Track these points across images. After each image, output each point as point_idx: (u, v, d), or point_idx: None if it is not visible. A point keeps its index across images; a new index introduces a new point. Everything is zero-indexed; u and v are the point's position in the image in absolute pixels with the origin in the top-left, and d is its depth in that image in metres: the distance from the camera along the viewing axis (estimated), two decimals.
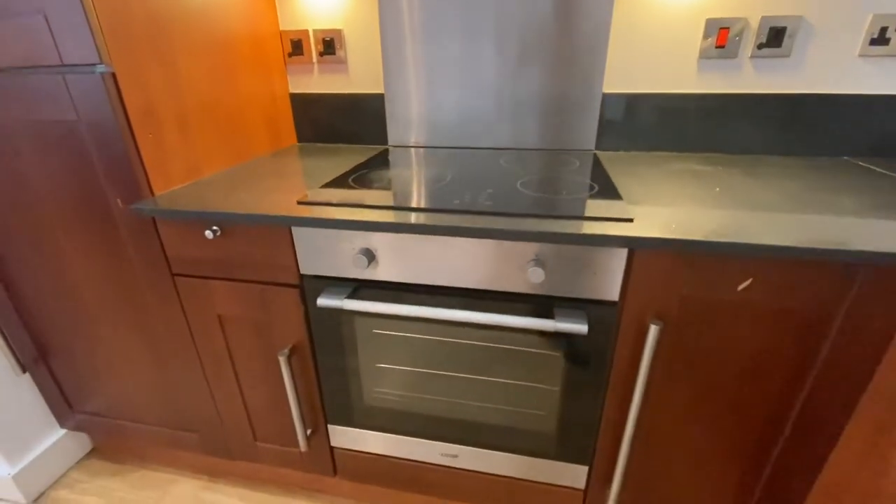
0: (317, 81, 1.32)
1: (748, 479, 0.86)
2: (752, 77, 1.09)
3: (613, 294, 0.75)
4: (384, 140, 1.34)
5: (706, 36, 1.07)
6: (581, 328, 0.74)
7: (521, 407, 0.92)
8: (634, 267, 0.72)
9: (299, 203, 0.83)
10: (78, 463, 1.39)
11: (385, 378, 0.97)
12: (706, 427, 0.83)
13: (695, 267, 0.69)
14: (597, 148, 1.22)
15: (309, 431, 1.07)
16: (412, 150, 1.26)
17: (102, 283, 1.01)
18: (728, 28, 1.05)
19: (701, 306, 0.72)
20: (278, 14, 1.26)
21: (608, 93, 1.16)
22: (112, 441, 1.39)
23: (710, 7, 1.05)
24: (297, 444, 1.10)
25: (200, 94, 1.00)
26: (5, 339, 1.13)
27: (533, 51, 1.13)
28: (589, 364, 0.82)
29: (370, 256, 0.81)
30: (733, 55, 1.07)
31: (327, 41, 1.25)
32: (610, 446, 0.89)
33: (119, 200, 0.89)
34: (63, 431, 1.34)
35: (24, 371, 1.18)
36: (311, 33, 1.26)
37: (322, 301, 0.84)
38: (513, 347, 0.87)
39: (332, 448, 1.09)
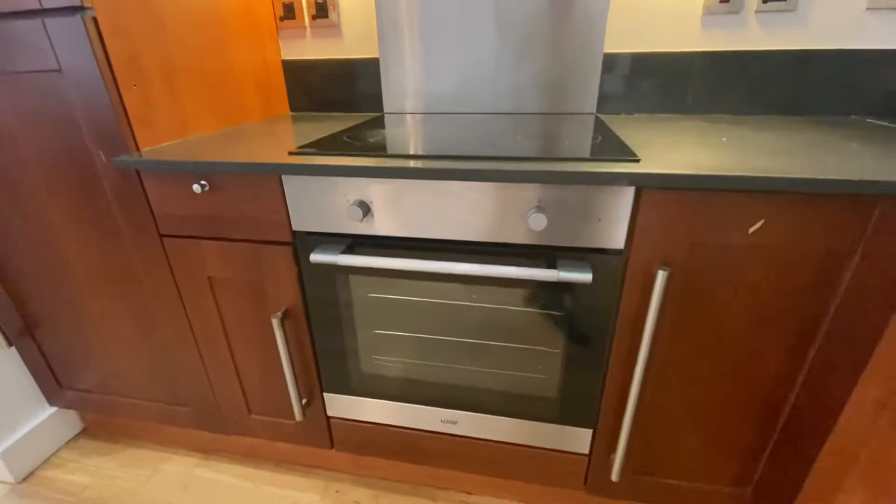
0: (310, 46, 1.29)
1: (758, 440, 0.83)
2: (757, 33, 1.06)
3: (619, 242, 0.72)
4: (380, 108, 1.31)
5: None
6: (585, 277, 0.71)
7: (522, 371, 0.89)
8: (641, 211, 0.68)
9: (290, 154, 0.80)
10: (68, 443, 1.36)
11: (383, 344, 0.94)
12: (715, 383, 0.80)
13: (704, 209, 0.66)
14: (598, 111, 1.19)
15: (304, 401, 1.04)
16: (408, 116, 1.23)
17: (88, 247, 0.97)
18: None
19: (711, 252, 0.69)
20: None
21: (610, 53, 1.13)
22: (103, 420, 1.36)
23: None
24: (292, 416, 1.07)
25: (188, 50, 0.96)
26: None
27: (532, 11, 1.10)
28: (593, 319, 0.79)
29: (365, 209, 0.78)
30: (738, 10, 1.04)
31: (320, 3, 1.21)
32: (615, 407, 0.86)
33: (102, 154, 0.85)
34: (52, 410, 1.30)
35: (9, 344, 1.14)
36: None
37: (315, 257, 0.81)
38: (514, 308, 0.84)
39: (328, 418, 1.06)
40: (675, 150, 0.76)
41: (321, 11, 1.22)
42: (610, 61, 1.14)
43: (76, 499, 1.18)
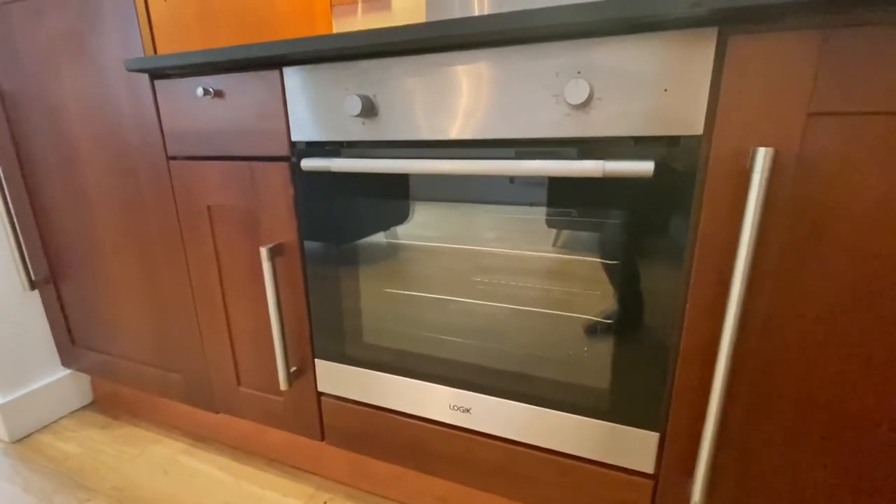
0: (360, 21, 1.28)
1: None
2: None
3: (695, 122, 0.51)
4: None
5: None
6: (643, 167, 0.50)
7: (558, 346, 0.66)
8: (729, 68, 0.48)
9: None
10: (74, 412, 1.29)
11: (389, 302, 0.76)
12: (856, 363, 0.51)
13: (833, 58, 0.44)
14: None
15: (293, 369, 0.87)
16: None
17: (106, 179, 0.95)
18: None
19: (844, 132, 0.46)
20: None
21: None
22: (111, 393, 1.28)
23: None
24: (280, 390, 0.90)
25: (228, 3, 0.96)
26: (20, 250, 1.10)
27: None
28: (657, 250, 0.56)
29: (368, 106, 0.65)
30: None
31: None
32: (693, 397, 0.59)
33: (124, 66, 0.83)
34: (63, 373, 1.25)
35: (32, 287, 1.13)
36: None
37: (308, 162, 0.68)
38: (546, 254, 0.64)
39: (319, 395, 0.87)
40: None
41: None
42: None
43: (57, 466, 1.08)
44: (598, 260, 0.62)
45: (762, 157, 0.45)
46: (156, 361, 1.07)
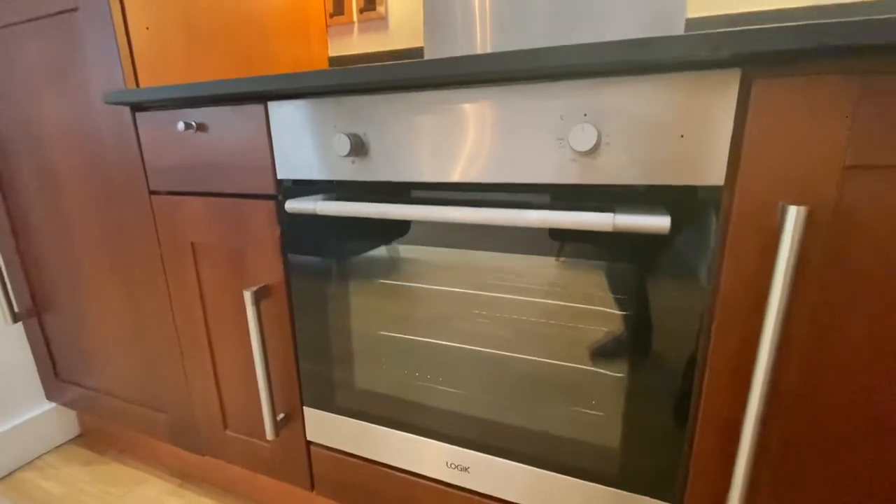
0: (356, 42, 1.24)
1: None
2: None
3: (715, 171, 0.46)
4: None
5: None
6: (659, 223, 0.45)
7: (566, 402, 0.61)
8: (754, 114, 0.43)
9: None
10: (59, 447, 1.24)
11: (382, 347, 0.71)
12: None
13: (872, 105, 0.39)
14: None
15: (281, 416, 0.82)
16: None
17: (89, 212, 0.90)
18: None
19: (886, 186, 0.41)
20: None
21: (695, 17, 0.92)
22: (98, 427, 1.23)
23: None
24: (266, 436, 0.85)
25: (218, 13, 0.92)
26: (3, 283, 1.06)
27: None
28: (673, 309, 0.51)
29: (358, 144, 0.60)
30: None
31: None
32: (713, 470, 0.53)
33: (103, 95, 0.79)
34: (48, 406, 1.20)
35: (14, 320, 1.09)
36: None
37: (292, 204, 0.64)
38: (553, 301, 0.58)
39: (308, 444, 0.82)
40: None
41: (369, 4, 1.18)
42: (697, 27, 0.92)
43: None
44: (608, 310, 0.56)
45: (793, 217, 0.40)
46: (140, 399, 1.02)
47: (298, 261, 0.72)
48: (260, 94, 0.64)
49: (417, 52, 1.16)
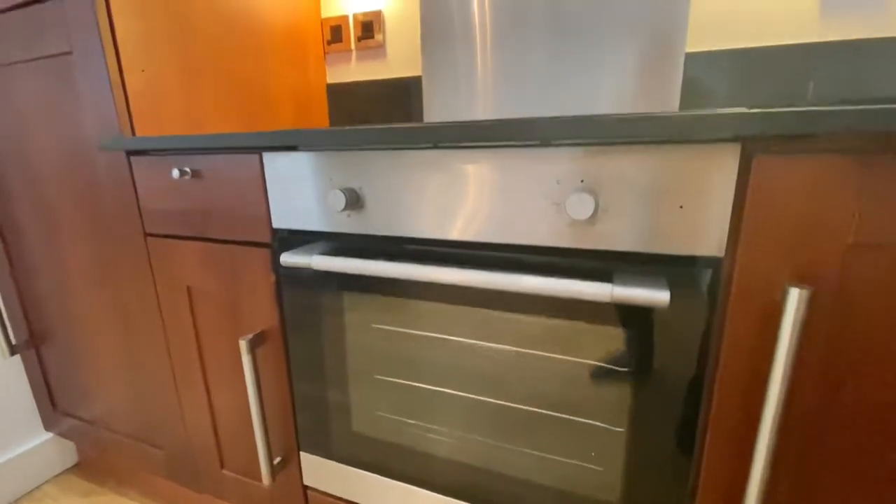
0: (354, 69, 1.24)
1: None
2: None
3: (715, 243, 0.45)
4: None
5: None
6: (658, 297, 0.44)
7: (565, 455, 0.60)
8: (754, 189, 0.42)
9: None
10: (57, 476, 1.23)
11: (382, 394, 0.70)
12: None
13: (878, 184, 0.38)
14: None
15: (277, 460, 0.81)
16: None
17: (85, 250, 0.90)
18: None
19: (887, 262, 0.40)
20: (321, 2, 1.22)
21: (694, 52, 0.91)
22: (94, 455, 1.23)
23: None
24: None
25: (216, 53, 0.92)
26: (0, 317, 1.05)
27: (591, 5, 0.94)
28: (674, 378, 0.50)
29: (353, 198, 0.60)
30: None
31: (366, 24, 1.17)
32: None
33: (101, 141, 0.79)
34: (47, 436, 1.20)
35: (12, 353, 1.08)
36: (350, 18, 1.19)
37: (287, 258, 0.63)
38: (555, 356, 0.58)
39: (305, 488, 0.81)
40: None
41: (367, 32, 1.18)
42: (695, 61, 0.91)
43: None
44: (607, 366, 0.55)
45: (795, 299, 0.39)
46: (137, 434, 1.02)
47: (294, 307, 0.71)
48: (255, 147, 0.64)
49: (415, 81, 1.16)
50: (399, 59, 1.18)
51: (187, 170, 0.71)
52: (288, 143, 0.57)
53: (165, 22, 0.82)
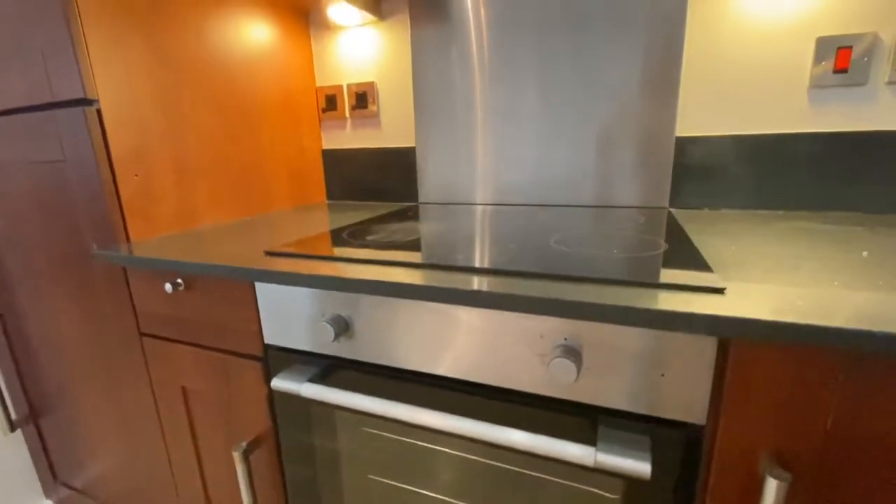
0: (349, 137, 1.25)
1: None
2: (890, 108, 0.79)
3: (697, 411, 0.46)
4: (415, 198, 1.19)
5: (818, 59, 0.81)
6: (640, 469, 0.45)
7: None
8: (732, 372, 0.43)
9: (267, 254, 0.67)
10: None
11: (371, 495, 0.71)
12: None
13: (860, 374, 0.39)
14: (671, 205, 0.96)
15: None
16: (440, 206, 1.09)
17: (83, 341, 0.91)
18: (850, 47, 0.79)
19: (865, 447, 0.40)
20: (315, 71, 1.23)
21: (684, 137, 0.92)
22: None
23: (819, 23, 0.80)
24: None
25: (206, 139, 0.93)
26: (0, 395, 1.06)
27: (582, 87, 0.95)
28: None
29: (343, 326, 0.61)
30: (861, 81, 0.80)
31: (360, 94, 1.18)
32: None
33: (95, 246, 0.80)
34: (49, 502, 1.21)
35: (12, 430, 1.09)
36: (345, 88, 1.20)
37: (277, 383, 0.64)
38: (543, 476, 0.58)
39: None
40: (785, 270, 0.51)
41: (361, 102, 1.19)
42: (685, 146, 0.92)
43: None
44: (598, 491, 0.56)
45: (773, 489, 0.40)
46: None
47: (287, 415, 0.72)
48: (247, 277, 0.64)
49: (409, 151, 1.17)
50: (392, 128, 1.19)
51: (180, 282, 0.72)
52: (280, 282, 0.58)
53: (160, 125, 0.83)
